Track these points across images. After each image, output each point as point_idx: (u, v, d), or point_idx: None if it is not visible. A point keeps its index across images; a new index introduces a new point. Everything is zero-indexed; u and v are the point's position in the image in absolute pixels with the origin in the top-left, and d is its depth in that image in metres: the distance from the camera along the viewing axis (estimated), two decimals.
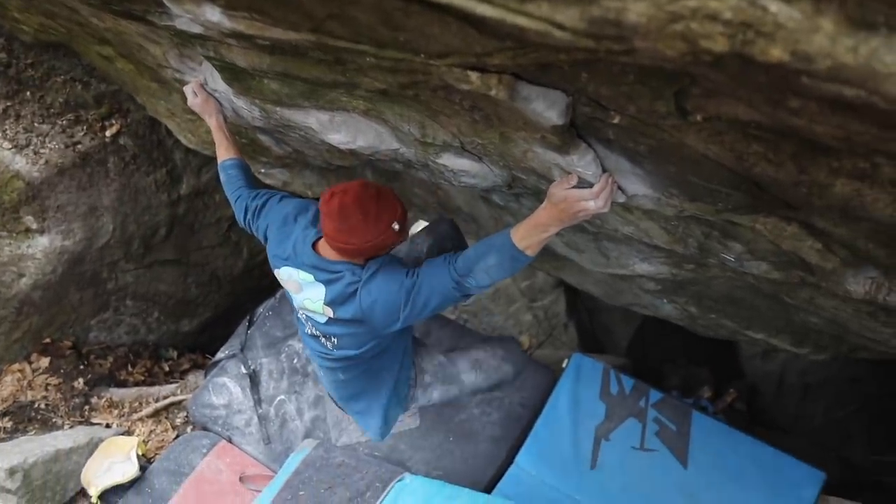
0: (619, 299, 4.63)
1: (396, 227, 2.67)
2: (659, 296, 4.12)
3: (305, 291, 2.86)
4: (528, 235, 2.40)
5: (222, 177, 3.39)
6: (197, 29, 2.43)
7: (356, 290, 2.72)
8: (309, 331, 3.05)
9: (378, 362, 3.09)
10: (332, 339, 2.96)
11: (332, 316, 2.80)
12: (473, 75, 2.01)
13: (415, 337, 3.38)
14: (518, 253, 2.42)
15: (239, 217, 3.25)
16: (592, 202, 2.34)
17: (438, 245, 3.25)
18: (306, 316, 2.99)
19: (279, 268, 2.97)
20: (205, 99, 3.41)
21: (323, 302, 2.81)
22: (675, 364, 6.59)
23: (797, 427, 6.56)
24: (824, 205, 1.96)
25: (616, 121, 2.05)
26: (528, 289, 7.06)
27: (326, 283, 2.78)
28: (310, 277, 2.82)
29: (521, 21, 1.48)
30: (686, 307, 4.17)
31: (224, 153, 3.43)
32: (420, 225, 7.65)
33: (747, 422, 5.94)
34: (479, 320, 7.31)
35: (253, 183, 3.36)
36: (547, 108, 2.08)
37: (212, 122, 3.46)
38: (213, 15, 2.20)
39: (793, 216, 2.30)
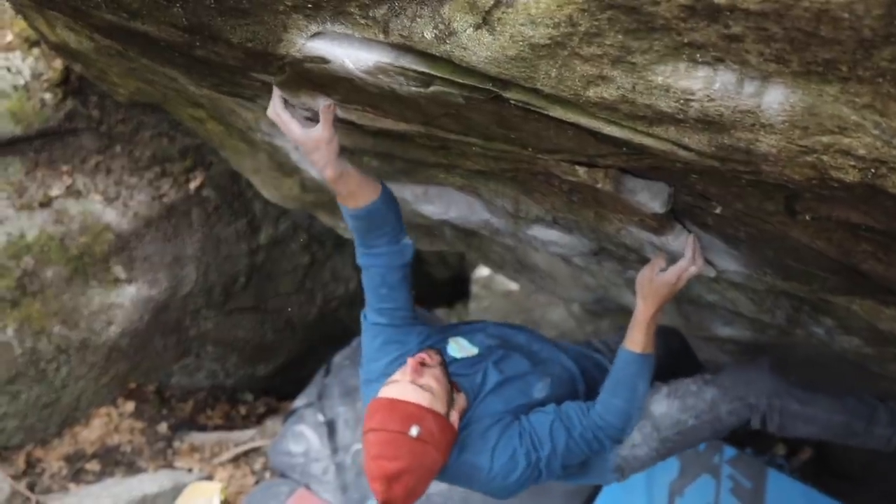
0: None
1: (416, 431, 2.08)
2: (737, 356, 4.10)
3: None
4: (646, 338, 2.40)
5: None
6: (305, 113, 2.51)
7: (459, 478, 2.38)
8: None
9: None
10: None
11: None
12: (581, 170, 2.06)
13: None
14: (649, 357, 2.41)
15: None
16: (693, 269, 2.36)
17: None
18: None
19: None
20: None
21: None
22: None
23: (869, 478, 6.38)
24: None
25: (718, 211, 2.07)
26: (594, 333, 7.05)
27: None
28: None
29: (648, 141, 1.53)
30: None
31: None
32: (484, 271, 7.69)
33: (817, 471, 5.82)
34: None
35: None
36: (651, 198, 2.12)
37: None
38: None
39: (892, 300, 2.29)
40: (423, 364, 2.21)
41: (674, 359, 2.99)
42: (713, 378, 2.64)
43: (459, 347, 2.56)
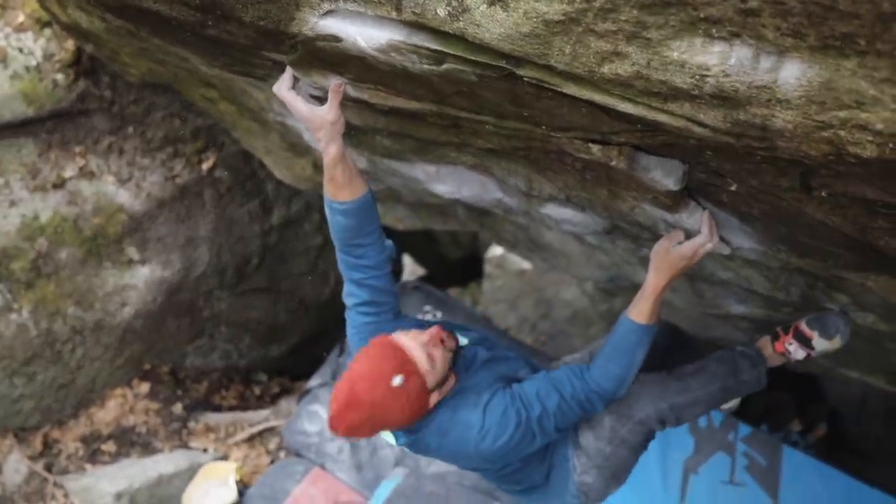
0: (707, 333, 4.60)
1: (399, 380, 2.11)
2: (751, 333, 4.09)
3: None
4: (652, 310, 2.38)
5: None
6: (316, 93, 2.51)
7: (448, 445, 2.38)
8: None
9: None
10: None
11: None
12: (595, 147, 2.05)
13: None
14: (651, 328, 2.40)
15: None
16: (708, 245, 2.35)
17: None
18: None
19: None
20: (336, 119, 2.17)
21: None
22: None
23: (882, 454, 6.38)
24: None
25: (733, 188, 2.06)
26: (608, 312, 7.05)
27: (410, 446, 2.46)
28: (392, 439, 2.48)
29: (662, 118, 1.52)
30: None
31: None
32: (497, 251, 7.70)
33: (830, 447, 5.83)
34: (558, 342, 7.32)
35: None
36: (664, 175, 2.11)
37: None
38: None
39: None
40: (441, 341, 2.26)
41: (661, 355, 2.96)
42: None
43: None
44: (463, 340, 2.55)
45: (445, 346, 2.28)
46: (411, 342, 2.19)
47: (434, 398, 2.27)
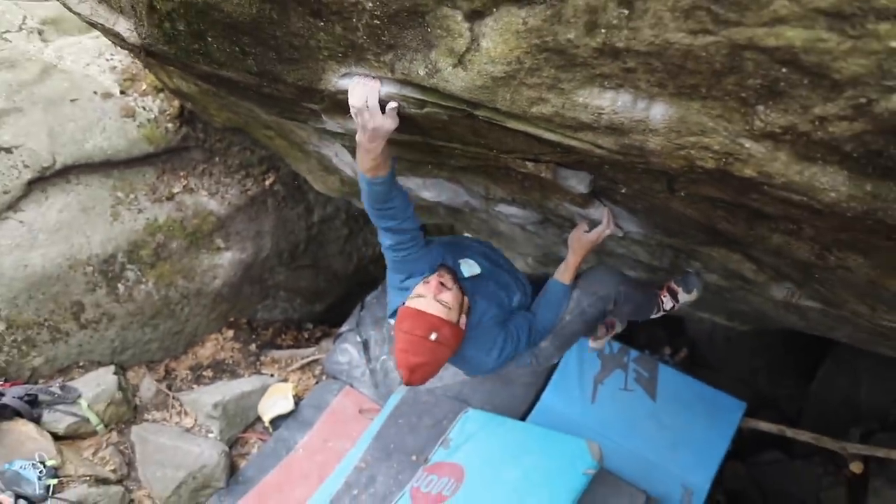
0: None
1: (434, 336, 1.98)
2: None
3: None
4: (572, 276, 2.38)
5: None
6: (339, 130, 2.48)
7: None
8: None
9: None
10: None
11: None
12: (530, 164, 2.04)
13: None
14: (570, 286, 2.39)
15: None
16: (607, 231, 2.36)
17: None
18: None
19: None
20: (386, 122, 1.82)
21: None
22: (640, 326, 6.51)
23: (724, 367, 6.45)
24: (762, 248, 1.97)
25: (623, 191, 2.06)
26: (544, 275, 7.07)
27: None
28: None
29: (573, 143, 1.51)
30: None
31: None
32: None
33: (690, 364, 5.87)
34: None
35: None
36: (577, 183, 2.10)
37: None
38: (354, 124, 2.25)
39: (737, 248, 2.29)
40: (443, 284, 2.07)
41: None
42: (575, 283, 2.43)
43: (469, 268, 2.33)
44: (475, 270, 2.33)
45: (448, 286, 2.07)
46: (424, 302, 2.01)
47: (463, 320, 2.10)
